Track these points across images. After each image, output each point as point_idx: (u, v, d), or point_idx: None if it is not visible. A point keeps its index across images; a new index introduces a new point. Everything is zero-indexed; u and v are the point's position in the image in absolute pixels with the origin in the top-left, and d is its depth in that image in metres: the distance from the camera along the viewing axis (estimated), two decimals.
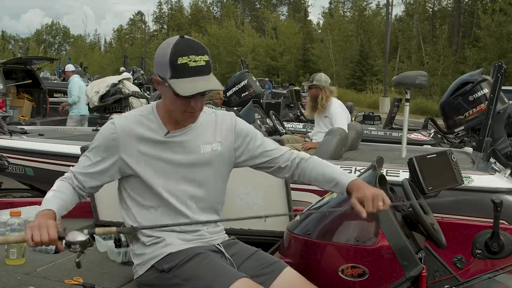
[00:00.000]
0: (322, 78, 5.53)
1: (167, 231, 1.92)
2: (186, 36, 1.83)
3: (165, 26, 67.52)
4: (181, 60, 1.76)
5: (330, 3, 51.40)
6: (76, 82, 9.13)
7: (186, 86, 1.75)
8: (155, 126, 1.91)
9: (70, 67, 9.56)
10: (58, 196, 1.86)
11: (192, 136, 1.95)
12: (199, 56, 1.78)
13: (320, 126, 5.56)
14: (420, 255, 2.10)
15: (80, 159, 1.95)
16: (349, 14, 49.37)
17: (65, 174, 1.96)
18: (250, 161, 2.06)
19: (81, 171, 1.92)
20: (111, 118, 1.94)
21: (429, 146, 6.98)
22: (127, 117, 1.93)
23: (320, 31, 49.81)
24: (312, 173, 2.03)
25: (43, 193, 5.42)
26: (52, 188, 1.90)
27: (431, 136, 8.36)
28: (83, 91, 9.20)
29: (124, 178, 1.94)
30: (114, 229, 1.76)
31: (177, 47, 1.77)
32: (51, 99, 10.97)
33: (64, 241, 1.67)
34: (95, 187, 1.95)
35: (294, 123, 9.88)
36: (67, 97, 9.54)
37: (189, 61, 1.76)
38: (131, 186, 1.93)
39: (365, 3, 47.78)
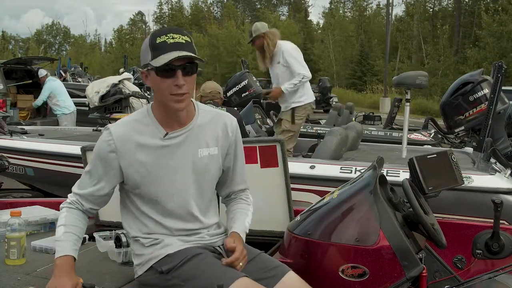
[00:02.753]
0: (258, 26, 5.25)
1: (167, 234, 1.93)
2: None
3: (166, 26, 67.46)
4: (159, 39, 1.79)
5: (330, 3, 51.40)
6: (47, 88, 9.19)
7: (164, 57, 1.76)
8: (152, 129, 1.89)
9: (42, 73, 9.63)
10: (70, 232, 1.85)
11: (190, 138, 1.92)
12: (178, 35, 1.80)
13: (275, 75, 5.26)
14: (420, 255, 2.10)
15: (82, 178, 1.94)
16: (349, 14, 49.36)
17: (69, 198, 1.93)
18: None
19: (88, 192, 1.91)
20: (106, 127, 1.91)
21: (429, 146, 6.98)
22: (123, 124, 1.90)
23: (320, 31, 49.78)
24: (229, 208, 2.12)
25: (43, 193, 5.44)
26: (60, 222, 1.88)
27: (431, 136, 8.36)
28: (60, 92, 9.23)
29: (125, 187, 1.94)
30: None
31: (156, 31, 1.85)
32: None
33: None
34: (105, 202, 1.97)
35: None
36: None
37: (167, 38, 1.78)
38: (132, 192, 1.93)
39: (366, 3, 47.80)
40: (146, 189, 1.89)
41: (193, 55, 1.78)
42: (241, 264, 1.86)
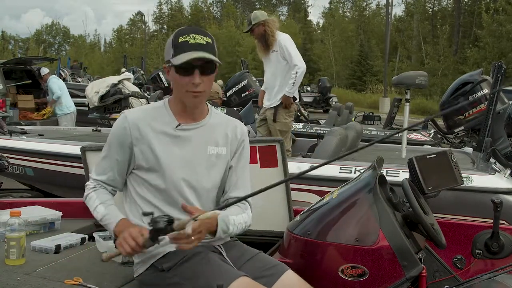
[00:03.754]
0: (257, 14, 5.20)
1: None
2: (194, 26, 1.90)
3: (165, 26, 67.38)
4: (182, 39, 1.85)
5: (330, 3, 51.40)
6: (54, 82, 9.31)
7: (183, 57, 1.82)
8: (166, 118, 1.95)
9: (44, 71, 9.66)
10: (111, 205, 1.94)
11: (202, 133, 1.97)
12: (199, 35, 1.86)
13: (270, 65, 5.21)
14: (420, 255, 2.10)
15: (100, 163, 1.98)
16: (349, 14, 49.36)
17: (90, 184, 1.98)
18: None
19: (108, 177, 1.96)
20: (122, 112, 1.98)
21: (429, 146, 6.99)
22: (139, 110, 1.99)
23: (320, 31, 49.80)
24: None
25: (43, 193, 5.44)
26: (96, 203, 1.93)
27: (431, 136, 8.37)
28: (63, 92, 9.26)
29: (132, 172, 1.95)
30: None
31: (180, 30, 1.90)
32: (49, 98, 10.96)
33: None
34: (124, 183, 2.02)
35: (294, 123, 9.87)
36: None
37: (189, 38, 1.84)
38: (139, 177, 1.94)
39: (365, 3, 47.80)
40: (154, 175, 1.91)
41: (210, 56, 1.84)
42: (193, 238, 1.71)
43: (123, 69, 17.89)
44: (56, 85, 9.25)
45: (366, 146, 1.53)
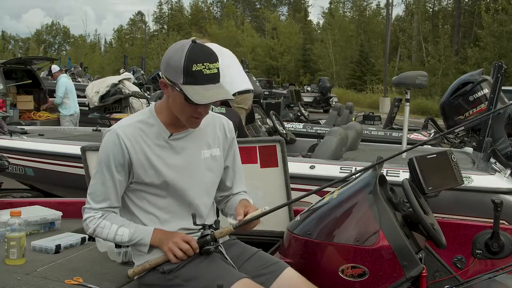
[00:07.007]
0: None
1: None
2: (198, 41, 1.82)
3: (165, 26, 67.39)
4: (196, 67, 1.75)
5: (330, 3, 51.39)
6: (62, 83, 9.08)
7: (201, 94, 1.75)
8: (157, 130, 1.91)
9: (55, 68, 9.57)
10: (130, 222, 1.91)
11: (194, 140, 1.96)
12: (213, 64, 1.78)
13: None
14: (420, 255, 2.10)
15: (99, 190, 1.89)
16: (349, 14, 49.37)
17: (96, 213, 1.90)
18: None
19: (112, 201, 1.90)
20: (110, 129, 1.90)
21: (429, 146, 6.97)
22: (128, 126, 1.89)
23: (320, 31, 49.82)
24: (230, 201, 2.14)
25: (43, 193, 5.44)
26: (114, 228, 1.88)
27: (431, 136, 8.36)
28: (71, 90, 9.18)
29: (129, 185, 1.93)
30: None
31: (191, 53, 1.76)
32: (51, 99, 10.95)
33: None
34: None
35: (294, 123, 9.89)
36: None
37: (204, 68, 1.76)
38: (137, 194, 1.93)
39: (365, 3, 47.80)
40: (155, 187, 1.90)
41: (226, 96, 1.80)
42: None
43: (122, 70, 17.91)
44: (63, 87, 8.98)
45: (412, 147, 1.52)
